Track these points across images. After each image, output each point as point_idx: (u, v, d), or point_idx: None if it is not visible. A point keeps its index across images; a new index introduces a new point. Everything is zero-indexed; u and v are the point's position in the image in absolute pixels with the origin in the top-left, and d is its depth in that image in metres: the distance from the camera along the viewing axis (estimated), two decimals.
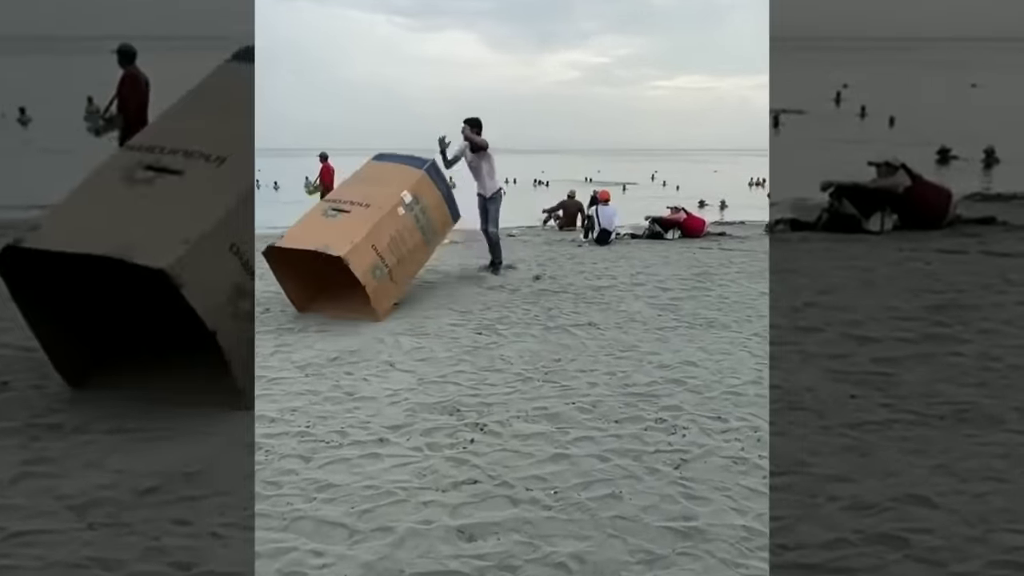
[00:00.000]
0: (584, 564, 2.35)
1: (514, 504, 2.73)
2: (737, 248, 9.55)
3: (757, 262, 8.34)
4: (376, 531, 2.55)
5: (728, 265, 8.05)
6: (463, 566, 2.34)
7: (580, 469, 3.01)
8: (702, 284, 6.96)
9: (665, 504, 2.71)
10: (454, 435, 3.38)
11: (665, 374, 4.23)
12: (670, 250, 9.47)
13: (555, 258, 8.75)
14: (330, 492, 2.83)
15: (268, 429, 3.45)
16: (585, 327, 5.37)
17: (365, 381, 4.17)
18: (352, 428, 3.47)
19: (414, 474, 2.99)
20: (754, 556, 2.39)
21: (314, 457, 3.16)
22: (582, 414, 3.61)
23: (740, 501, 2.74)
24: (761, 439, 3.30)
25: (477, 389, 4.01)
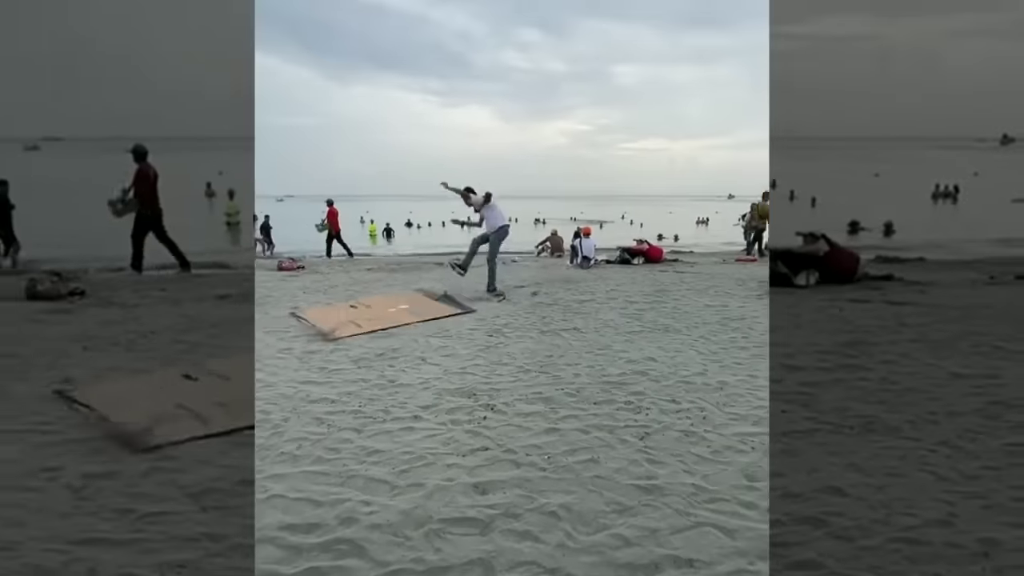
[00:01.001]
0: (571, 512, 2.34)
1: (517, 466, 2.72)
2: (687, 271, 9.55)
3: (703, 281, 8.34)
4: (411, 486, 2.54)
5: (680, 284, 8.06)
6: (478, 514, 2.33)
7: (567, 439, 3.00)
8: (660, 298, 6.96)
9: (632, 467, 2.70)
10: (471, 413, 3.37)
11: (632, 367, 4.22)
12: (636, 273, 9.48)
13: (548, 279, 8.76)
14: (376, 456, 2.83)
15: (329, 408, 3.45)
16: (571, 331, 5.37)
17: (403, 372, 4.17)
18: (393, 407, 3.46)
19: (440, 443, 2.98)
20: (701, 508, 2.37)
21: (364, 429, 3.15)
22: (569, 398, 3.60)
23: (691, 465, 2.72)
24: (706, 417, 3.29)
25: (489, 378, 4.01)
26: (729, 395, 3.66)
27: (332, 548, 2.14)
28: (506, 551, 2.11)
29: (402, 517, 2.31)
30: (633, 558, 2.07)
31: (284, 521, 2.29)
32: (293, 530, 2.24)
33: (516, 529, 2.24)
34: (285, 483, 2.57)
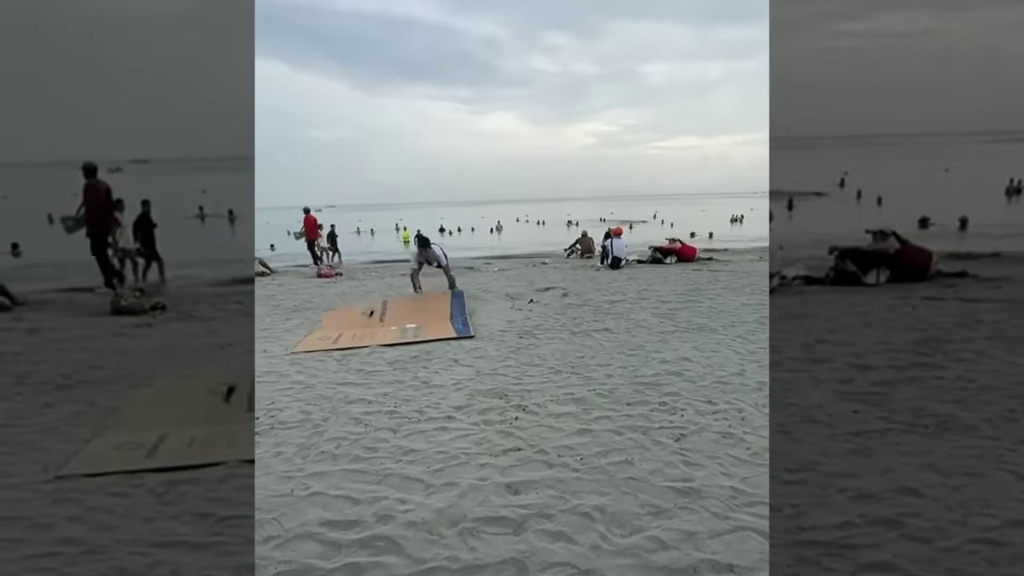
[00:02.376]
0: (604, 514, 2.31)
1: (549, 467, 2.71)
2: (722, 269, 9.31)
3: (738, 280, 8.11)
4: (446, 485, 2.56)
5: (715, 283, 7.86)
6: (511, 513, 2.33)
7: (600, 440, 2.97)
8: (694, 298, 6.81)
9: (668, 469, 2.65)
10: (503, 414, 3.37)
11: (666, 368, 4.14)
12: (668, 272, 9.30)
13: (578, 280, 8.70)
14: (412, 456, 2.86)
15: (366, 408, 3.51)
16: (602, 332, 5.32)
17: (436, 373, 4.21)
18: (427, 408, 3.49)
19: (473, 443, 2.99)
20: (740, 511, 2.30)
21: (400, 429, 3.19)
22: (601, 398, 3.57)
23: (728, 467, 2.65)
24: (745, 418, 3.20)
25: (520, 379, 4.01)
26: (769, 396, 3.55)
27: (370, 545, 2.18)
28: (539, 551, 2.10)
29: (437, 515, 2.33)
30: (670, 561, 2.03)
31: (324, 517, 2.35)
32: (333, 526, 2.30)
33: (549, 530, 2.23)
34: (325, 481, 2.64)
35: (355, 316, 6.27)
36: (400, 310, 6.48)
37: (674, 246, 11.11)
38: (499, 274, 9.88)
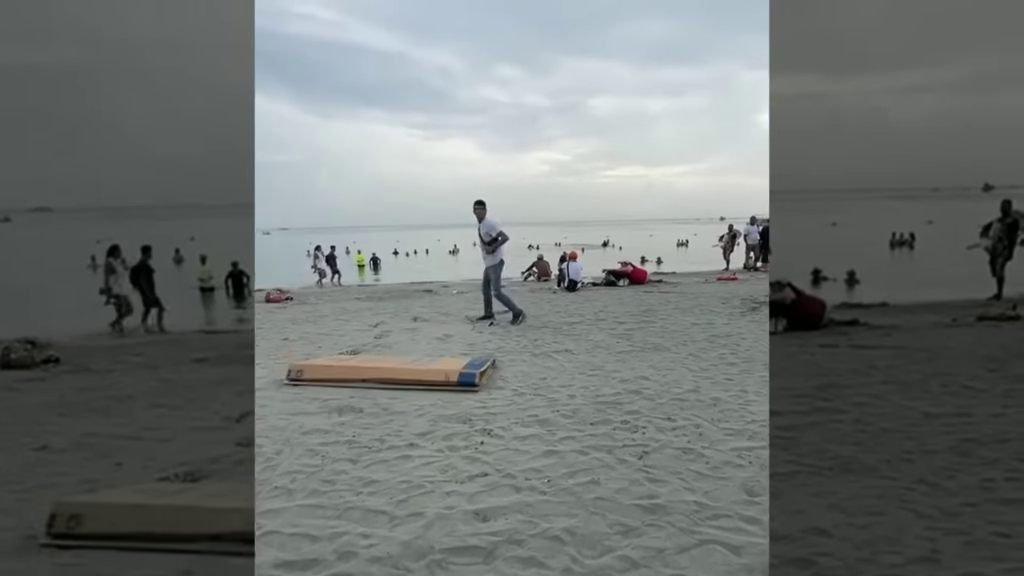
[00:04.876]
0: (574, 536, 2.27)
1: (517, 491, 2.65)
2: (672, 291, 9.66)
3: (687, 301, 8.42)
4: (411, 516, 2.45)
5: (666, 304, 8.13)
6: (480, 541, 2.25)
7: (567, 461, 2.94)
8: (648, 318, 6.99)
9: (633, 487, 2.65)
10: (468, 439, 3.29)
11: (625, 386, 4.19)
12: (622, 294, 9.55)
13: (537, 302, 8.77)
14: (373, 487, 2.73)
15: (323, 439, 3.34)
16: (563, 353, 5.35)
17: (396, 399, 4.07)
18: (388, 436, 3.36)
19: (438, 470, 2.90)
20: (704, 524, 2.32)
21: (360, 459, 3.05)
22: (565, 419, 3.55)
23: (691, 482, 2.68)
24: (703, 433, 3.26)
25: (484, 402, 3.93)
26: (723, 411, 3.65)
27: None
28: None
29: (403, 548, 2.21)
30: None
31: (280, 558, 2.18)
32: (290, 567, 2.13)
33: (520, 556, 2.16)
34: (280, 518, 2.46)
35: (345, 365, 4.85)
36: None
37: (626, 269, 11.46)
38: (458, 296, 9.81)
